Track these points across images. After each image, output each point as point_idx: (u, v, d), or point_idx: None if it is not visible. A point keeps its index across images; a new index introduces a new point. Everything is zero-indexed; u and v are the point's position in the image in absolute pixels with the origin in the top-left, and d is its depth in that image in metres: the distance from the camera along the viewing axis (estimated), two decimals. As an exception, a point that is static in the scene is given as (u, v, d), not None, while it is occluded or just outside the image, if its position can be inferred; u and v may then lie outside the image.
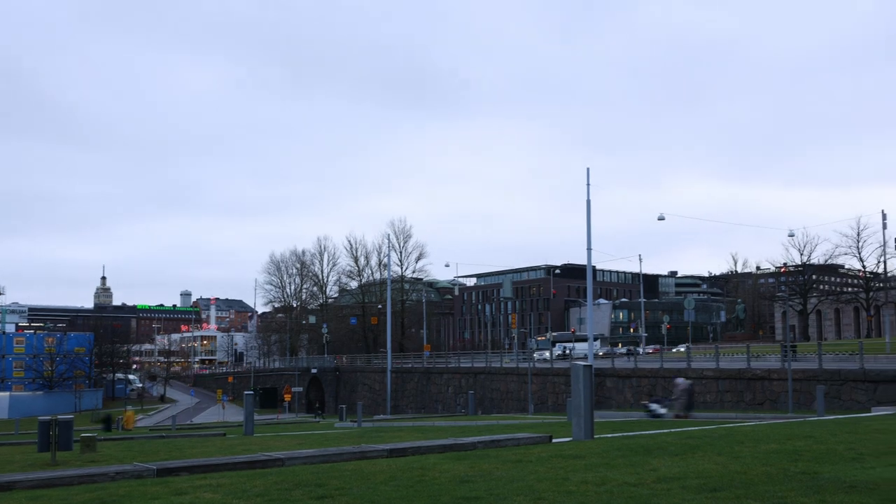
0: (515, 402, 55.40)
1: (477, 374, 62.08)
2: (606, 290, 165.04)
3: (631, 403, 44.85)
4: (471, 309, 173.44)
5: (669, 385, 43.21)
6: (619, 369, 48.36)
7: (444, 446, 14.54)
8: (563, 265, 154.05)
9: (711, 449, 13.21)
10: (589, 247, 47.78)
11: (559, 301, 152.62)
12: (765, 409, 36.46)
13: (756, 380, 38.37)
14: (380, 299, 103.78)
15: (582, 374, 16.53)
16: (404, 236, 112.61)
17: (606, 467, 11.08)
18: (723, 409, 38.30)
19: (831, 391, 33.92)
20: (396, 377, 74.17)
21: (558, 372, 51.47)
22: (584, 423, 16.30)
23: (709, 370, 41.63)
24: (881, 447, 12.76)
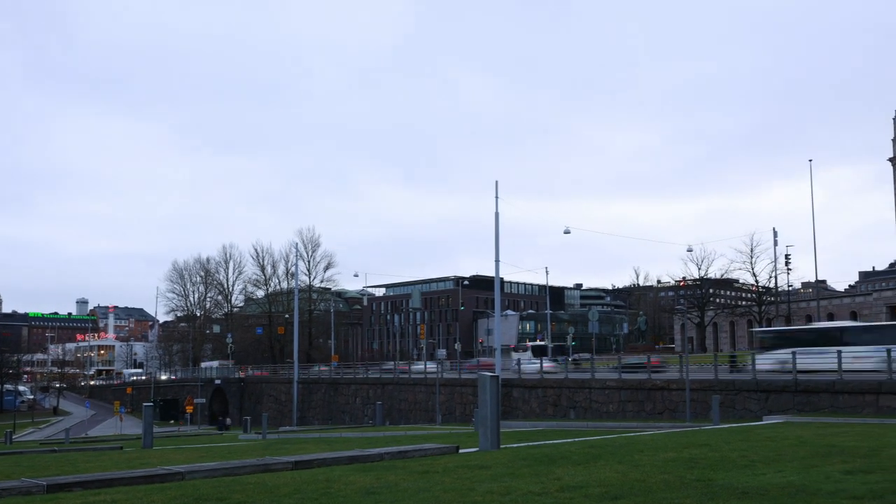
0: (423, 412, 55.43)
1: (385, 384, 61.84)
2: (514, 302, 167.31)
3: (537, 413, 45.51)
4: (380, 319, 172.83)
5: (575, 395, 44.13)
6: (525, 380, 48.99)
7: (350, 458, 14.40)
8: (472, 276, 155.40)
9: (613, 458, 13.53)
10: (497, 259, 48.35)
11: (468, 312, 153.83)
12: (664, 418, 37.60)
13: (656, 390, 39.55)
14: (287, 309, 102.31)
15: (489, 384, 16.67)
16: (313, 245, 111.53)
17: (511, 477, 11.20)
18: (625, 418, 39.30)
19: (726, 401, 35.27)
20: (303, 388, 73.14)
21: (466, 382, 51.80)
22: (490, 434, 16.42)
23: (612, 380, 42.66)
24: (771, 454, 13.34)
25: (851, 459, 12.08)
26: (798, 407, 32.94)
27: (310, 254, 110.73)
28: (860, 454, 12.77)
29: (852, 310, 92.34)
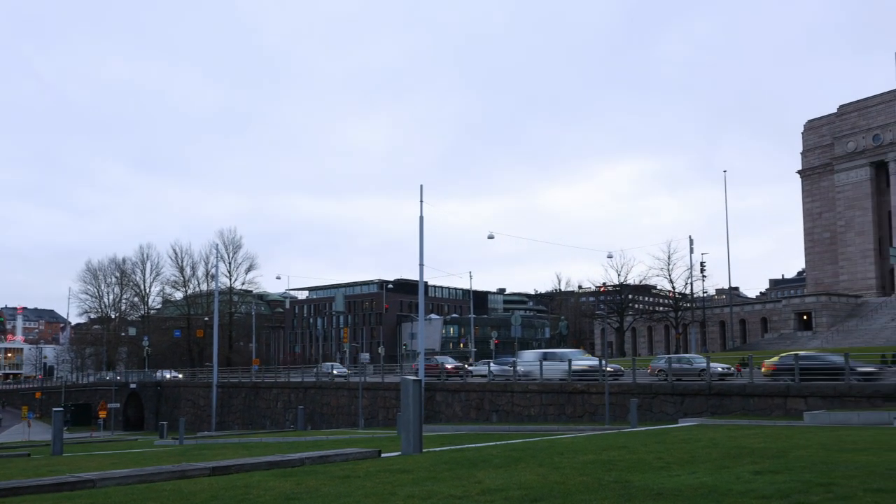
0: (346, 416, 55.01)
1: (307, 388, 61.13)
2: (438, 306, 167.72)
3: (460, 417, 45.69)
4: (302, 322, 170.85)
5: (497, 399, 44.48)
6: (448, 384, 49.15)
7: (269, 463, 14.17)
8: (396, 280, 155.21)
9: (533, 460, 13.69)
10: (421, 262, 48.41)
11: (391, 316, 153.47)
12: (584, 421, 38.23)
13: (577, 393, 40.19)
14: (207, 311, 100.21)
15: (411, 388, 16.65)
16: (234, 246, 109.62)
17: (433, 481, 11.20)
18: (546, 421, 39.80)
19: (644, 404, 36.12)
20: (223, 392, 71.67)
21: (389, 386, 51.63)
22: (412, 437, 16.41)
23: (533, 384, 43.15)
24: (685, 456, 13.71)
25: (761, 460, 12.51)
26: (712, 410, 33.98)
27: (231, 255, 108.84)
28: (769, 455, 13.24)
29: (763, 316, 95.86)
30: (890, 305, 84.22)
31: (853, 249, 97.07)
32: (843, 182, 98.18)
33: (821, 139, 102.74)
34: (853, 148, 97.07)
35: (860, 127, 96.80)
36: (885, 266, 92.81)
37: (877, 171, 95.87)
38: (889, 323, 78.24)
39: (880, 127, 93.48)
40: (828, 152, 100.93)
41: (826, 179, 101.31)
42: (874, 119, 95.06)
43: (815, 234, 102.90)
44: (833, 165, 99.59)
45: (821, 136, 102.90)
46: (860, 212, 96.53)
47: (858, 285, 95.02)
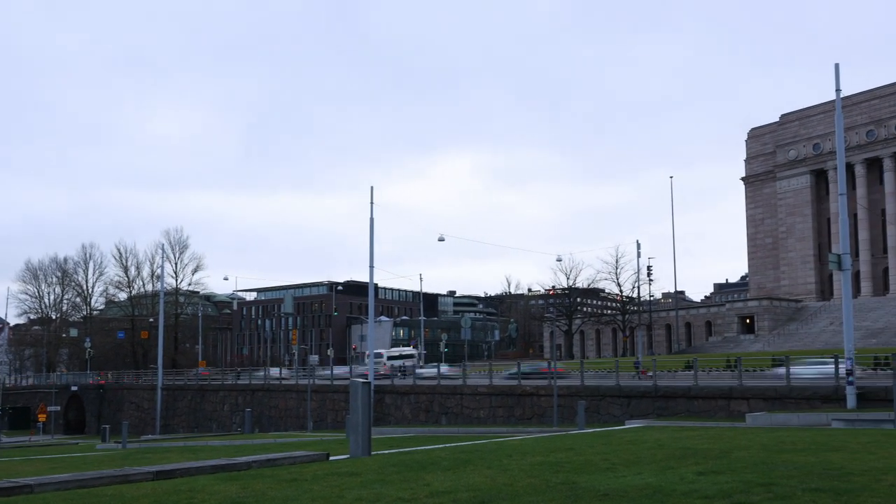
0: (295, 419, 54.52)
1: (255, 391, 60.43)
2: (388, 308, 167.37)
3: (409, 419, 45.65)
4: (250, 324, 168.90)
5: (447, 401, 44.56)
6: (398, 386, 49.10)
7: (215, 467, 13.97)
8: (346, 282, 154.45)
9: (482, 462, 13.74)
10: (371, 265, 48.27)
11: (341, 318, 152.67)
12: (533, 423, 38.52)
13: (526, 396, 40.48)
14: (152, 312, 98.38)
15: (360, 391, 16.59)
16: (181, 247, 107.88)
17: (381, 483, 11.17)
18: (495, 423, 39.99)
19: (591, 406, 36.55)
20: (168, 395, 70.41)
21: (338, 389, 51.34)
22: (361, 440, 16.35)
23: (483, 387, 43.34)
24: (631, 457, 13.90)
25: (704, 461, 12.74)
26: (657, 411, 34.54)
27: (177, 256, 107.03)
28: (712, 456, 13.49)
29: (707, 319, 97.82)
30: (828, 310, 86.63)
31: (794, 255, 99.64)
32: (785, 189, 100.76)
33: (763, 147, 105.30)
34: (794, 156, 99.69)
35: (801, 136, 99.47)
36: (824, 271, 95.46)
37: (817, 178, 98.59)
38: (828, 327, 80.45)
39: (820, 136, 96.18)
40: (770, 160, 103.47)
41: (769, 186, 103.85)
42: (814, 128, 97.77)
43: (757, 239, 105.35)
44: (775, 173, 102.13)
45: (763, 145, 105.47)
46: (801, 218, 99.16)
47: (799, 290, 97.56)
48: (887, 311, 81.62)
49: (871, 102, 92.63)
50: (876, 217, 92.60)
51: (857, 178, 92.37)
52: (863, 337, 68.64)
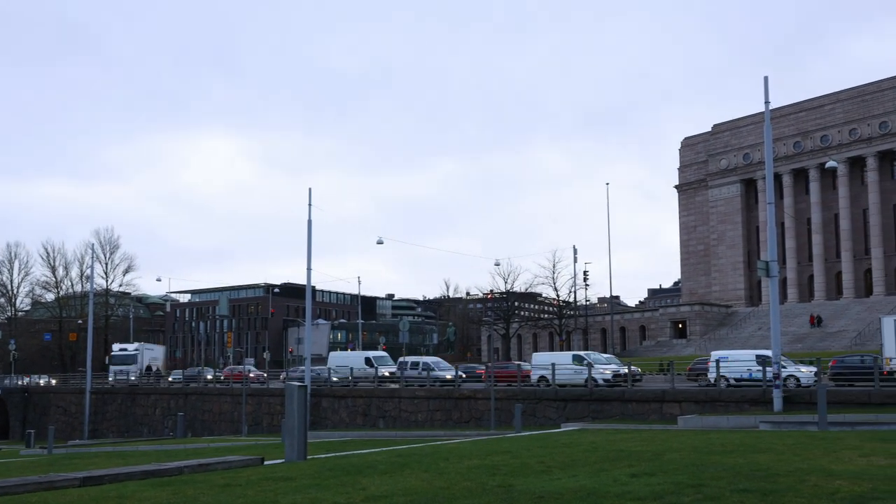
0: (229, 423, 53.61)
1: (188, 394, 59.22)
2: (326, 311, 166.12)
3: (347, 423, 45.35)
4: (184, 326, 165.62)
5: (384, 404, 44.39)
6: (335, 389, 48.71)
7: (145, 472, 13.63)
8: (283, 284, 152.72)
9: (419, 466, 13.72)
10: (309, 267, 47.76)
11: (278, 320, 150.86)
12: (471, 426, 38.66)
13: (463, 399, 40.60)
14: (81, 314, 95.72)
15: (296, 394, 16.42)
16: (111, 247, 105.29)
17: (317, 488, 11.06)
18: (433, 427, 40.01)
19: (528, 409, 36.85)
20: (97, 399, 68.45)
21: (274, 392, 50.68)
22: (297, 444, 16.17)
23: (421, 390, 43.32)
24: (566, 460, 14.06)
25: (637, 463, 12.97)
26: (593, 415, 35.04)
27: (107, 256, 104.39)
28: (645, 458, 13.74)
29: (641, 324, 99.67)
30: (757, 315, 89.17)
31: (725, 262, 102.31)
32: (717, 197, 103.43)
33: (696, 156, 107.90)
34: (725, 165, 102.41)
35: (732, 145, 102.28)
36: (753, 278, 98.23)
37: (747, 187, 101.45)
38: (756, 332, 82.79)
39: (750, 146, 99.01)
40: (703, 169, 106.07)
41: (701, 194, 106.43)
42: (745, 138, 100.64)
43: (690, 246, 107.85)
44: (707, 182, 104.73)
45: (696, 153, 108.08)
46: (731, 226, 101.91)
47: (729, 296, 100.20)
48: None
49: (798, 115, 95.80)
50: (802, 226, 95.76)
51: (784, 187, 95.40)
52: (789, 342, 70.86)
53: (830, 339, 73.87)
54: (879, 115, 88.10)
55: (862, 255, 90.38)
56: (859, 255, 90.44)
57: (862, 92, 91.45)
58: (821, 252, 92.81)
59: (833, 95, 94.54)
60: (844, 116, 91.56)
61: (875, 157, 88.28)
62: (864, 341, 70.56)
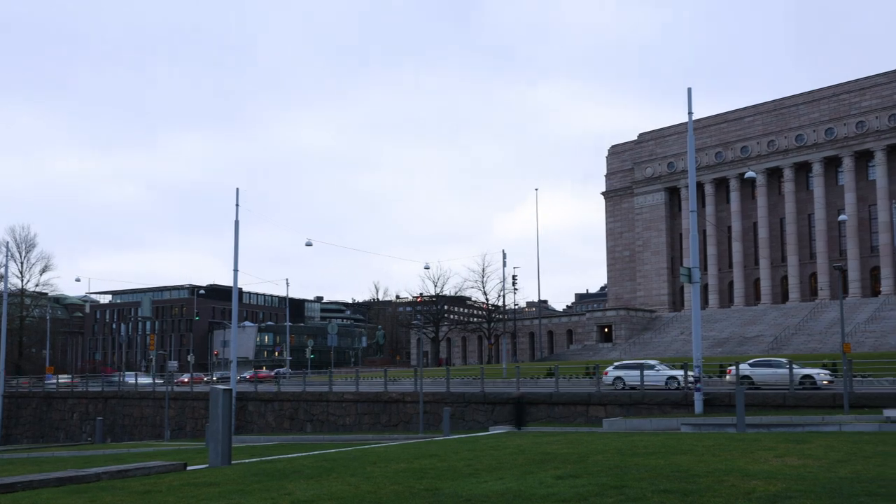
0: (151, 428, 52.25)
1: (108, 398, 57.46)
2: (253, 313, 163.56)
3: (273, 427, 44.70)
4: (104, 328, 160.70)
5: (312, 408, 43.91)
6: (261, 393, 47.99)
7: (61, 479, 13.16)
8: (209, 286, 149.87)
9: (346, 470, 13.62)
10: (236, 268, 47.02)
11: (203, 322, 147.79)
12: (399, 430, 38.57)
13: (392, 403, 40.49)
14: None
15: (221, 398, 16.12)
16: (27, 245, 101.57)
17: (241, 494, 10.88)
18: (361, 431, 39.78)
19: (456, 412, 36.98)
20: (10, 403, 65.81)
21: (199, 396, 49.63)
22: (221, 449, 15.87)
23: (349, 394, 43.02)
24: (494, 463, 14.16)
25: (563, 465, 13.15)
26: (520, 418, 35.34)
27: (23, 255, 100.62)
28: (570, 461, 13.94)
29: (569, 328, 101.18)
30: (680, 320, 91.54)
31: (649, 268, 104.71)
32: (642, 205, 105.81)
33: (623, 164, 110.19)
34: (651, 173, 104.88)
35: (657, 154, 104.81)
36: (676, 284, 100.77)
37: (671, 195, 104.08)
38: (678, 336, 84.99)
39: (674, 155, 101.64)
40: (629, 176, 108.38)
41: (627, 202, 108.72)
42: (669, 148, 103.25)
43: (616, 252, 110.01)
44: (633, 189, 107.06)
45: (623, 161, 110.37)
46: (656, 233, 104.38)
47: (653, 301, 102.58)
48: (732, 322, 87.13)
49: (720, 126, 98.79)
50: (723, 234, 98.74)
51: (706, 196, 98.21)
52: (710, 346, 72.96)
53: (749, 344, 76.31)
54: (795, 128, 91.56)
55: (779, 262, 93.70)
56: (776, 263, 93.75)
57: (779, 105, 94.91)
58: (740, 259, 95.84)
59: (753, 108, 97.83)
60: (763, 129, 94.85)
61: (791, 168, 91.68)
62: (780, 346, 73.18)
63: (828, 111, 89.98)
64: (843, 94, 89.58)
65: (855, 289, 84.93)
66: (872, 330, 71.57)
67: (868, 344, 66.64)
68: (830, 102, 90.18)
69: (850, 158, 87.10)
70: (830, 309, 78.87)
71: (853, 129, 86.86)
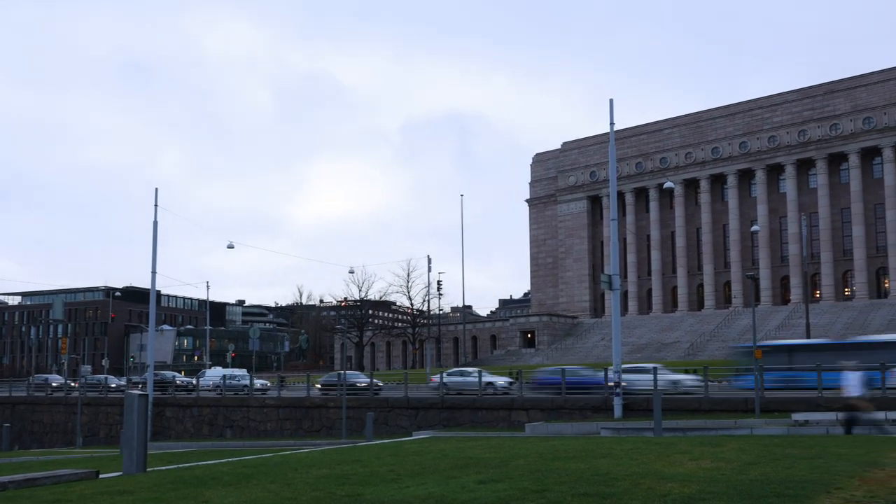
0: (63, 434, 50.34)
1: (16, 404, 55.09)
2: (172, 316, 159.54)
3: (192, 433, 43.64)
4: (12, 331, 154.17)
5: (232, 414, 43.03)
6: (179, 398, 46.85)
7: (-37, 490, 12.56)
8: (126, 288, 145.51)
9: (266, 477, 13.40)
10: (154, 270, 45.78)
11: (119, 325, 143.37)
12: (322, 435, 38.17)
13: (314, 408, 40.04)
14: None
15: (136, 403, 15.65)
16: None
17: (156, 502, 10.60)
18: (283, 436, 39.20)
19: (380, 417, 36.82)
20: None
21: (113, 402, 48.09)
22: (136, 456, 15.41)
23: (271, 399, 42.38)
24: (416, 468, 14.14)
25: (485, 470, 13.22)
26: (444, 422, 35.43)
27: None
28: (493, 465, 14.03)
29: (493, 333, 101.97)
30: (600, 326, 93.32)
31: (571, 274, 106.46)
32: (565, 212, 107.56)
33: (547, 172, 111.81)
34: (574, 182, 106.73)
35: (580, 163, 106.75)
36: (597, 290, 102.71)
37: (593, 204, 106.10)
38: (599, 342, 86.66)
39: (596, 165, 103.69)
40: (553, 184, 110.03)
41: (550, 209, 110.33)
42: (592, 157, 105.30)
43: (539, 259, 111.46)
44: (556, 197, 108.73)
45: (547, 169, 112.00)
46: (578, 240, 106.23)
47: (575, 307, 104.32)
48: (650, 329, 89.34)
49: (640, 137, 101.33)
50: (643, 242, 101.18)
51: (627, 205, 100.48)
52: (629, 352, 74.61)
53: (666, 350, 78.40)
54: (712, 140, 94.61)
55: (695, 270, 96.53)
56: (693, 271, 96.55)
57: (697, 118, 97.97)
58: (659, 267, 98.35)
59: (671, 120, 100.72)
60: (682, 141, 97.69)
61: (707, 179, 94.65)
62: (696, 352, 75.39)
63: (742, 125, 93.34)
64: (756, 110, 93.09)
65: (766, 297, 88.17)
66: (783, 336, 74.36)
67: (778, 350, 69.20)
68: (745, 117, 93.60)
69: (762, 171, 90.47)
70: (744, 316, 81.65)
71: (766, 144, 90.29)
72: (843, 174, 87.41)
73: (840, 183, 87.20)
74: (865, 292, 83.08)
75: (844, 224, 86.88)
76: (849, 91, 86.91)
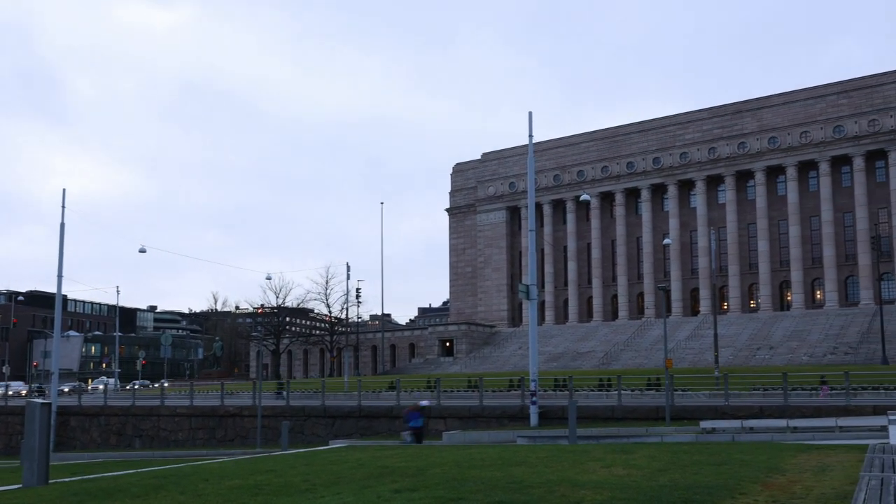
0: (-45, 446, 47.79)
1: None
2: (79, 322, 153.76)
3: (99, 443, 42.10)
4: None
5: (142, 423, 41.69)
6: (86, 407, 45.15)
7: None
8: (29, 292, 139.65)
9: (175, 488, 13.04)
10: (60, 273, 44.07)
11: (21, 331, 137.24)
12: (235, 445, 37.39)
13: (228, 417, 39.19)
14: None
15: (38, 413, 15.02)
16: None
17: (60, 516, 10.17)
18: (195, 446, 38.21)
19: (296, 426, 36.30)
20: None
21: (15, 410, 45.98)
22: (37, 468, 14.77)
23: (182, 407, 41.28)
24: (332, 478, 14.00)
25: (401, 479, 13.20)
26: (361, 431, 35.19)
27: None
28: (409, 474, 14.01)
29: (411, 342, 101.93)
30: (518, 335, 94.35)
31: (490, 284, 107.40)
32: (484, 222, 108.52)
33: (466, 182, 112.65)
34: (493, 192, 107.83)
35: (500, 174, 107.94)
36: (515, 300, 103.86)
37: (512, 214, 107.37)
38: (517, 351, 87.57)
39: (516, 176, 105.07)
40: (472, 194, 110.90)
41: (470, 219, 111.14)
42: (511, 168, 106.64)
43: (458, 268, 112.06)
44: (476, 207, 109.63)
45: (466, 179, 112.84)
46: (497, 250, 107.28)
47: (493, 316, 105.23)
48: (566, 338, 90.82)
49: (558, 150, 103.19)
50: (560, 253, 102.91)
51: (545, 216, 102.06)
52: (546, 361, 75.62)
53: (582, 359, 79.82)
54: (627, 155, 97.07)
55: (610, 281, 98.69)
56: (608, 282, 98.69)
57: (614, 133, 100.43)
58: (575, 278, 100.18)
59: (589, 134, 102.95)
60: (598, 154, 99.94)
61: (623, 193, 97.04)
62: (610, 361, 77.05)
63: (656, 141, 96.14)
64: (669, 126, 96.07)
65: (677, 308, 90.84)
66: (692, 347, 76.79)
67: (688, 360, 71.43)
68: (658, 133, 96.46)
69: (674, 186, 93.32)
70: (656, 327, 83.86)
71: (678, 160, 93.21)
72: (749, 191, 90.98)
73: (747, 199, 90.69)
74: (770, 304, 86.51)
75: (751, 239, 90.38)
76: (755, 111, 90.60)
